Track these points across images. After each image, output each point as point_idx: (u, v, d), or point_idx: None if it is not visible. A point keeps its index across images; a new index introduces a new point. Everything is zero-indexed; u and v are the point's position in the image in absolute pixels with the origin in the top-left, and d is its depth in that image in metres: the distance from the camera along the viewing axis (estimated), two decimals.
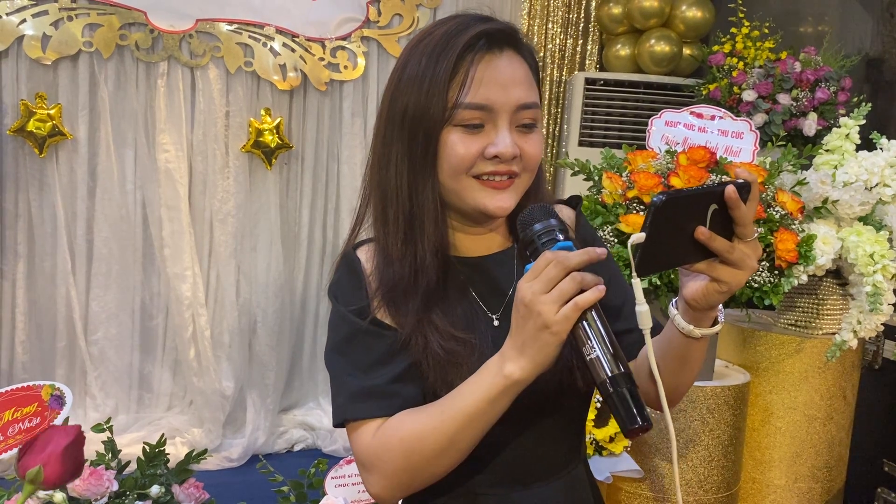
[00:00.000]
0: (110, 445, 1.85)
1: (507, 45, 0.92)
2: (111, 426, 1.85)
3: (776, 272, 1.86)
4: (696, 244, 0.79)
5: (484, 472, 0.96)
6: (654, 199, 0.75)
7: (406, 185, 0.92)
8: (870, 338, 2.26)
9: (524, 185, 0.95)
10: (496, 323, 0.97)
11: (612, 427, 1.91)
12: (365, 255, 0.98)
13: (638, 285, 0.81)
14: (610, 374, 0.78)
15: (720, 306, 0.89)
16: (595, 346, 0.78)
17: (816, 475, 2.20)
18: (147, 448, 1.84)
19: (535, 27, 3.78)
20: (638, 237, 0.76)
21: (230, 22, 3.23)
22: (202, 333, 3.26)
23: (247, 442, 3.29)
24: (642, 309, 0.82)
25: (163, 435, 1.92)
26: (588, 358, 0.79)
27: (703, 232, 0.78)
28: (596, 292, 0.78)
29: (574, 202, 1.08)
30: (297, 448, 3.42)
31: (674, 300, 0.90)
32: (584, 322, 0.79)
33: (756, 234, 0.83)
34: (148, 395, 3.37)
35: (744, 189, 0.79)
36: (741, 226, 0.80)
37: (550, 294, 0.77)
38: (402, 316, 0.92)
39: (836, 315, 2.15)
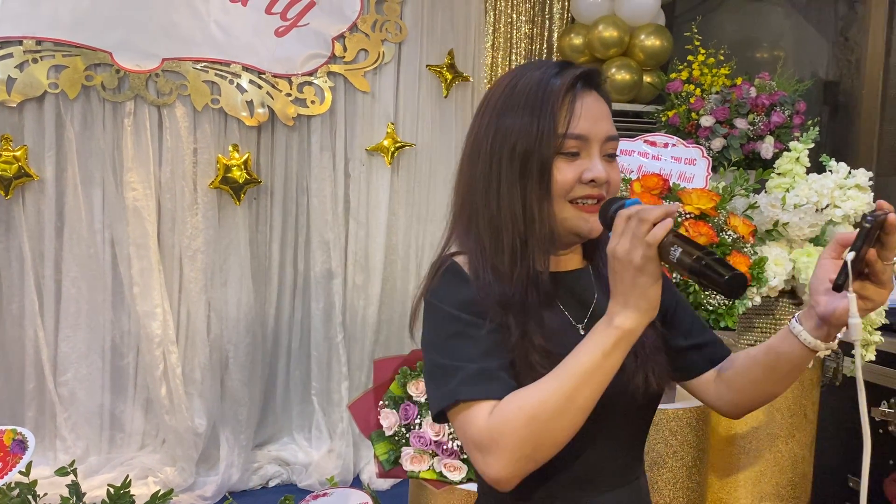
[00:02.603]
0: (74, 489, 1.84)
1: (595, 86, 1.05)
2: (75, 469, 1.84)
3: None
4: (854, 266, 0.90)
5: (560, 477, 1.02)
6: (867, 219, 0.89)
7: (521, 210, 1.01)
8: (828, 355, 2.31)
9: None
10: (582, 332, 1.06)
11: None
12: (464, 266, 1.06)
13: (853, 300, 0.89)
14: (696, 253, 0.87)
15: None
16: (677, 249, 0.88)
17: (781, 493, 2.22)
18: (111, 490, 1.83)
19: (499, 59, 3.85)
20: (851, 254, 0.88)
21: (196, 60, 3.26)
22: (173, 371, 3.25)
23: (221, 479, 3.27)
24: (855, 321, 0.90)
25: (127, 476, 1.91)
26: (674, 261, 0.88)
27: (873, 253, 0.91)
28: (663, 227, 0.88)
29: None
30: (272, 484, 3.41)
31: (795, 317, 1.00)
32: (669, 248, 0.88)
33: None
34: (119, 434, 3.35)
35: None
36: (889, 249, 0.91)
37: (633, 242, 0.88)
38: (508, 326, 1.00)
39: None
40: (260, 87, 3.35)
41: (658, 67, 3.65)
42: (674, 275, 1.76)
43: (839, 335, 0.97)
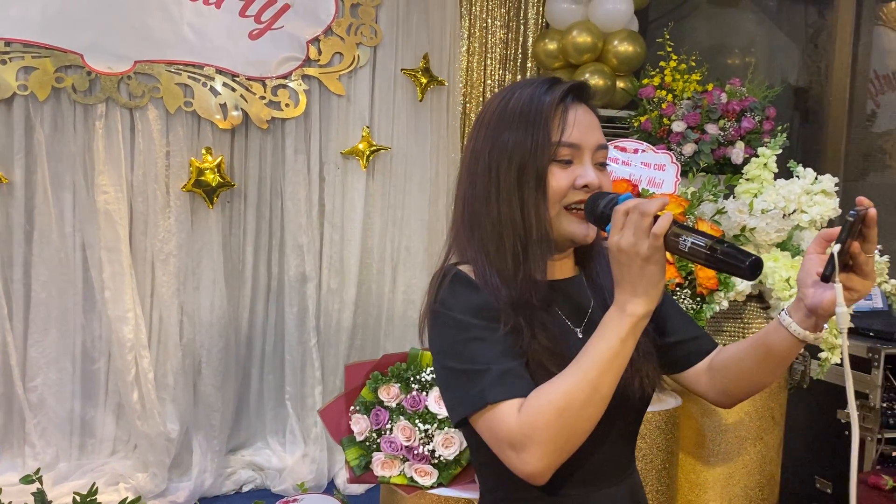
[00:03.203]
0: (40, 497, 1.82)
1: (584, 99, 1.11)
2: (40, 477, 1.82)
3: (698, 299, 1.93)
4: (839, 259, 0.94)
5: (564, 477, 1.04)
6: (851, 213, 0.93)
7: (520, 216, 1.06)
8: (796, 357, 2.34)
9: None
10: (580, 336, 1.11)
11: None
12: (470, 274, 1.09)
13: (840, 289, 0.93)
14: (709, 242, 0.91)
15: None
16: (686, 240, 0.92)
17: (749, 495, 2.25)
18: (77, 498, 1.81)
19: (475, 63, 3.87)
20: (837, 247, 0.93)
21: (169, 63, 3.24)
22: (145, 376, 3.22)
23: (193, 485, 3.24)
24: (842, 310, 0.94)
25: (94, 484, 1.89)
26: (686, 249, 0.92)
27: (856, 246, 0.95)
28: (666, 219, 0.92)
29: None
30: (245, 489, 3.39)
31: (784, 309, 1.04)
32: (674, 238, 0.93)
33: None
34: (90, 440, 3.31)
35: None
36: (870, 242, 0.96)
37: (637, 235, 0.92)
38: (520, 327, 1.04)
39: None
40: (234, 89, 3.34)
41: (631, 73, 3.68)
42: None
43: (825, 326, 1.01)
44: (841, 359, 2.22)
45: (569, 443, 0.96)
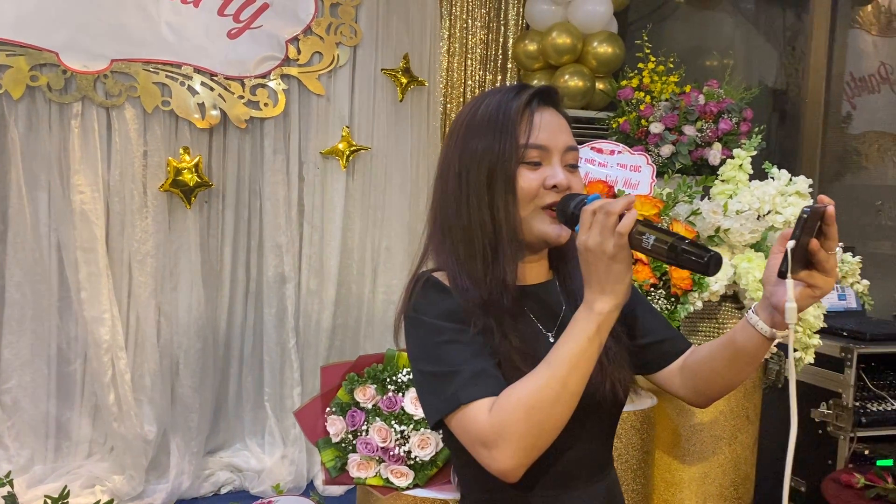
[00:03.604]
0: (11, 500, 1.80)
1: (551, 103, 1.13)
2: (11, 480, 1.80)
3: (672, 300, 1.94)
4: (802, 257, 0.96)
5: (539, 477, 1.07)
6: (804, 209, 0.94)
7: (489, 218, 1.08)
8: (771, 357, 2.36)
9: None
10: (552, 340, 1.12)
11: None
12: (443, 280, 1.11)
13: (791, 285, 0.95)
14: (670, 240, 0.92)
15: None
16: (649, 238, 0.94)
17: (724, 494, 2.27)
18: (49, 501, 1.79)
19: (455, 64, 3.87)
20: (791, 243, 0.93)
21: (147, 62, 3.21)
22: (122, 377, 3.19)
23: (171, 487, 3.22)
24: (791, 306, 0.96)
25: (65, 487, 1.87)
26: (649, 247, 0.93)
27: (815, 243, 0.96)
28: (630, 217, 0.94)
29: None
30: (224, 491, 3.37)
31: (752, 308, 1.05)
32: (638, 236, 0.94)
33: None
34: (66, 443, 3.27)
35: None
36: (831, 240, 0.97)
37: (603, 234, 0.94)
38: (490, 328, 1.05)
39: None
40: (212, 89, 3.31)
41: (610, 74, 3.70)
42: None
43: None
44: (811, 362, 2.25)
45: (539, 440, 0.97)
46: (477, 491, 1.14)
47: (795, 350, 2.10)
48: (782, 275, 0.96)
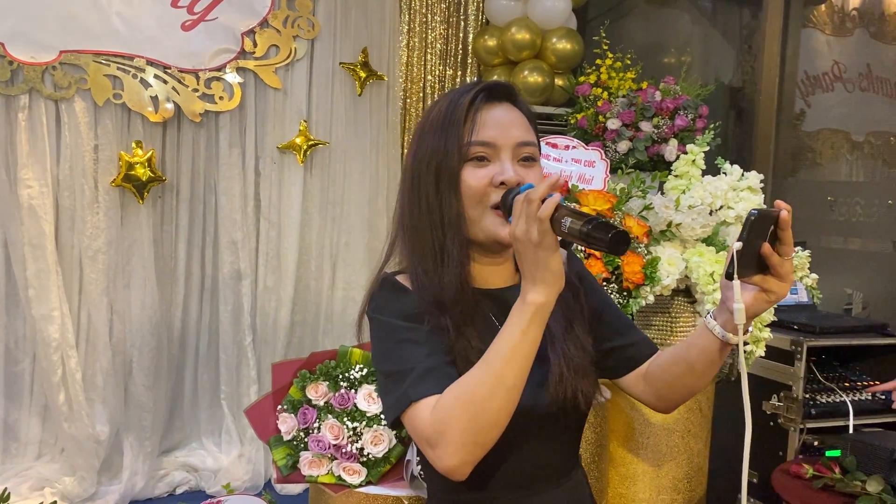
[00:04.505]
0: None
1: (504, 98, 1.12)
2: None
3: (625, 294, 1.95)
4: (753, 260, 0.95)
5: (500, 478, 1.08)
6: (751, 212, 0.93)
7: (438, 217, 1.08)
8: None
9: None
10: None
11: None
12: (403, 282, 1.12)
13: (738, 286, 0.95)
14: (580, 223, 0.90)
15: None
16: (566, 221, 0.91)
17: (678, 486, 2.29)
18: None
19: (415, 59, 3.84)
20: (738, 245, 0.92)
21: (97, 53, 3.13)
22: (72, 376, 3.11)
23: (124, 488, 3.16)
24: (739, 307, 0.97)
25: (5, 489, 1.82)
26: (566, 230, 0.91)
27: (767, 247, 0.95)
28: (550, 203, 0.92)
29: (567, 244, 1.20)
30: (179, 491, 3.31)
31: (710, 312, 1.07)
32: (559, 220, 0.92)
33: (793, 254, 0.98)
34: (14, 444, 3.19)
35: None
36: (786, 244, 0.96)
37: (528, 222, 0.93)
38: (445, 327, 1.05)
39: (687, 331, 2.26)
40: (165, 81, 3.25)
41: (569, 70, 3.71)
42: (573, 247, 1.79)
43: (750, 327, 1.03)
44: (762, 355, 2.28)
45: (478, 436, 0.95)
46: (442, 491, 1.14)
47: (746, 344, 2.12)
48: (729, 276, 0.95)
